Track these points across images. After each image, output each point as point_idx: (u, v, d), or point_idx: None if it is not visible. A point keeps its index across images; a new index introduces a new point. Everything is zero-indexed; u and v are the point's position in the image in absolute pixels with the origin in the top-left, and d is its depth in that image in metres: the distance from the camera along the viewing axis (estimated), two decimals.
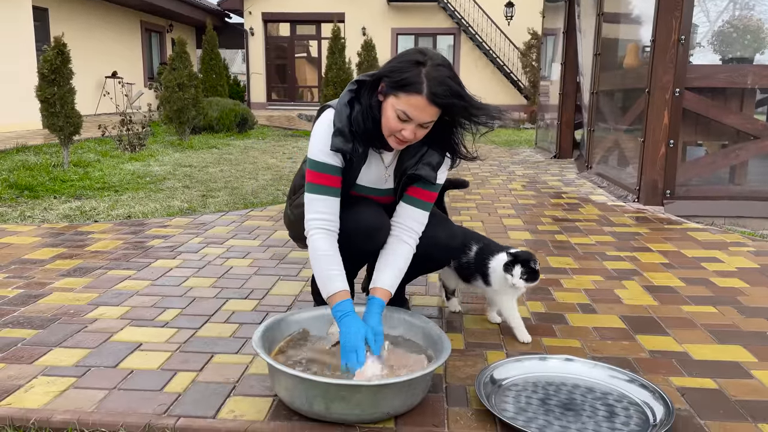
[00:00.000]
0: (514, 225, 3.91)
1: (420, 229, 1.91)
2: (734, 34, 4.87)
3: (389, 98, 1.68)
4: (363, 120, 1.74)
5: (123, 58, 15.66)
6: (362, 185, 1.93)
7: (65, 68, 5.81)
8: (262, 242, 3.40)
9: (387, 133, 1.73)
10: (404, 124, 1.68)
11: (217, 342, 2.06)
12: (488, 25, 18.97)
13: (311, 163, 1.82)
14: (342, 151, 1.75)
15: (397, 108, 1.66)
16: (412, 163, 1.84)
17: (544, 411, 1.62)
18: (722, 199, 4.61)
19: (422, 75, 1.63)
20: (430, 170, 1.84)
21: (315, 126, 1.86)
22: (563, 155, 7.75)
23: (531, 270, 2.01)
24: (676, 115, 4.49)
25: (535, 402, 1.67)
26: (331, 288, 1.75)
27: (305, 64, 21.06)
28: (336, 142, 1.75)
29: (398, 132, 1.69)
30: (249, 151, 8.24)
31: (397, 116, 1.67)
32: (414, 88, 1.62)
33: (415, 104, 1.63)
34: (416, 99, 1.63)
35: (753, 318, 2.34)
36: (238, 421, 1.57)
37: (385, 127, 1.72)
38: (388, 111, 1.69)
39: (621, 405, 1.65)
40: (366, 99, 1.75)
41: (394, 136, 1.72)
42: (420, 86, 1.62)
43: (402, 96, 1.64)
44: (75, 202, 4.49)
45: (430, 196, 1.89)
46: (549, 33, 8.93)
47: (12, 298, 2.45)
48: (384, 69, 1.72)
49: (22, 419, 1.56)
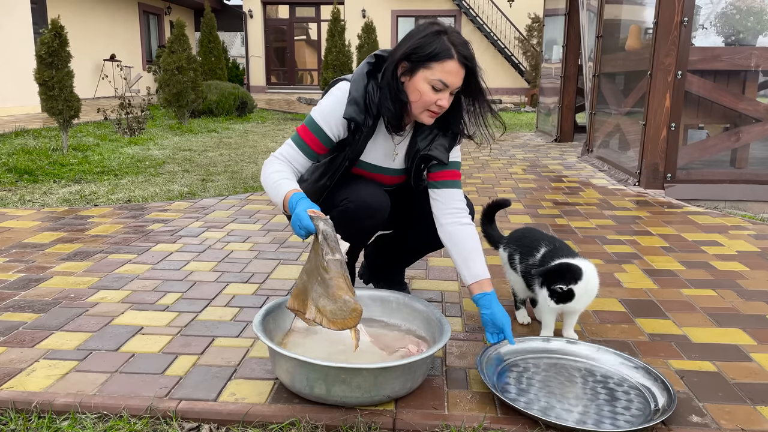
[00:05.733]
0: (514, 209, 3.90)
1: (464, 204, 1.93)
2: (737, 15, 4.82)
3: (419, 73, 1.73)
4: (392, 102, 1.77)
5: (121, 41, 15.55)
6: (368, 162, 1.93)
7: (63, 51, 5.76)
8: (263, 226, 3.40)
9: (420, 110, 1.77)
10: (440, 94, 1.73)
11: (218, 325, 2.06)
12: (489, 7, 18.81)
13: (309, 121, 1.85)
14: (354, 120, 1.79)
15: (432, 78, 1.71)
16: (425, 144, 1.88)
17: (545, 393, 1.62)
18: (723, 182, 4.60)
19: (448, 42, 1.71)
20: (443, 151, 1.88)
21: (328, 93, 1.88)
22: (564, 139, 7.72)
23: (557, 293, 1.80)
24: (677, 97, 4.47)
25: (536, 384, 1.67)
26: (285, 188, 1.74)
27: (305, 46, 20.92)
28: (350, 111, 1.78)
29: (434, 104, 1.74)
30: (248, 135, 8.21)
31: (432, 87, 1.72)
32: (446, 54, 1.70)
33: (450, 70, 1.70)
34: (450, 64, 1.70)
35: (752, 301, 2.35)
36: (240, 403, 1.57)
37: (419, 104, 1.76)
38: (421, 86, 1.73)
39: (622, 389, 1.66)
40: (392, 83, 1.77)
41: (428, 110, 1.77)
42: (450, 51, 1.70)
43: (435, 66, 1.71)
44: (74, 186, 4.48)
45: (456, 174, 1.94)
46: (551, 14, 8.84)
47: (13, 282, 2.46)
48: (405, 50, 1.75)
49: (24, 402, 1.57)
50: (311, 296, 1.63)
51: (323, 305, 1.60)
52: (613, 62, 5.84)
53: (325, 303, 1.59)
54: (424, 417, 1.53)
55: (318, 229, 1.61)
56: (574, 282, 1.80)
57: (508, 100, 16.04)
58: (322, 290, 1.60)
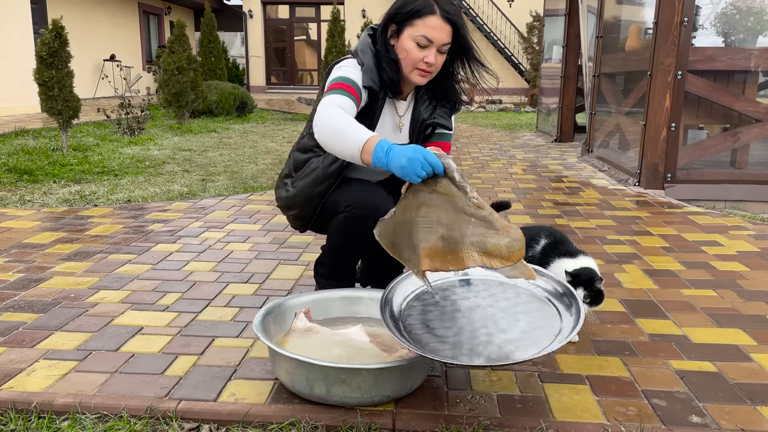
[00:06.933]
0: (514, 209, 3.90)
1: None
2: (737, 16, 4.82)
3: (404, 32, 1.79)
4: (387, 64, 1.82)
5: (121, 41, 15.54)
6: None
7: (63, 51, 5.76)
8: (263, 226, 3.40)
9: (410, 69, 1.82)
10: (425, 51, 1.78)
11: (217, 326, 2.06)
12: (489, 7, 18.80)
13: (337, 78, 1.79)
14: (371, 88, 1.82)
15: (416, 35, 1.77)
16: (429, 113, 1.95)
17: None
18: (723, 182, 4.60)
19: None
20: (447, 118, 1.96)
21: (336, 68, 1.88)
22: (564, 139, 7.72)
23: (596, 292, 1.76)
24: (677, 98, 4.47)
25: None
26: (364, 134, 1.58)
27: (305, 47, 20.92)
28: (366, 80, 1.81)
29: (421, 61, 1.78)
30: (248, 135, 8.21)
31: (417, 44, 1.78)
32: (427, 10, 1.76)
33: (432, 24, 1.75)
34: (432, 19, 1.75)
35: (752, 301, 2.35)
36: (239, 404, 1.57)
37: (407, 62, 1.81)
38: (407, 44, 1.79)
39: None
40: (382, 46, 1.84)
41: (417, 69, 1.81)
42: (432, 7, 1.76)
43: (417, 22, 1.76)
44: (74, 186, 4.48)
45: (449, 146, 2.01)
46: (551, 14, 8.85)
47: (13, 282, 2.46)
48: (391, 10, 1.83)
49: (24, 402, 1.57)
50: (466, 242, 1.45)
51: (494, 243, 1.44)
52: (613, 62, 5.84)
53: (497, 240, 1.44)
54: (424, 417, 1.52)
55: (450, 168, 1.46)
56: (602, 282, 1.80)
57: (508, 100, 16.04)
58: (485, 229, 1.45)
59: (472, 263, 1.47)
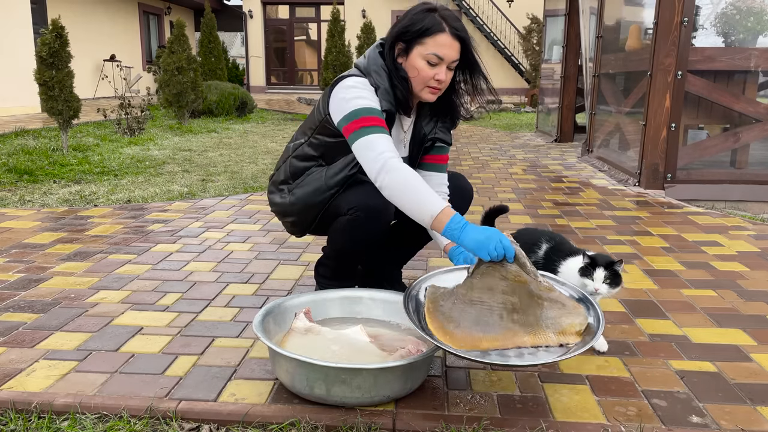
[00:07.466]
0: (514, 209, 3.90)
1: (447, 189, 2.04)
2: (737, 16, 4.82)
3: (414, 50, 1.79)
4: (398, 83, 1.83)
5: (121, 41, 15.55)
6: None
7: (63, 51, 5.77)
8: (263, 226, 3.40)
9: (421, 87, 1.82)
10: (436, 69, 1.79)
11: (217, 326, 2.06)
12: (489, 8, 18.81)
13: (362, 111, 1.78)
14: (390, 112, 1.83)
15: (427, 53, 1.77)
16: (430, 128, 1.96)
17: None
18: (723, 183, 4.60)
19: (438, 17, 1.78)
20: (447, 133, 1.99)
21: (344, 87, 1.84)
22: (564, 139, 7.72)
23: (615, 273, 1.79)
24: (677, 98, 4.47)
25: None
26: (437, 205, 1.65)
27: (305, 47, 20.92)
28: (385, 104, 1.82)
29: (432, 79, 1.79)
30: (248, 135, 8.21)
31: (427, 62, 1.79)
32: (436, 28, 1.77)
33: (442, 42, 1.76)
34: (442, 37, 1.77)
35: (753, 302, 2.35)
36: (239, 404, 1.57)
37: (418, 80, 1.81)
38: (417, 62, 1.79)
39: None
40: (391, 64, 1.84)
41: (428, 87, 1.82)
42: (441, 25, 1.77)
43: (428, 40, 1.77)
44: (74, 187, 4.48)
45: (446, 159, 2.07)
46: (551, 14, 8.85)
47: (12, 282, 2.46)
48: (398, 29, 1.81)
49: (24, 402, 1.57)
50: (542, 324, 1.55)
51: (570, 323, 1.55)
52: (613, 62, 5.84)
53: (572, 319, 1.56)
54: (424, 417, 1.53)
55: (521, 255, 1.59)
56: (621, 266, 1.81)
57: (508, 101, 16.04)
58: (558, 311, 1.56)
59: (552, 341, 1.56)
